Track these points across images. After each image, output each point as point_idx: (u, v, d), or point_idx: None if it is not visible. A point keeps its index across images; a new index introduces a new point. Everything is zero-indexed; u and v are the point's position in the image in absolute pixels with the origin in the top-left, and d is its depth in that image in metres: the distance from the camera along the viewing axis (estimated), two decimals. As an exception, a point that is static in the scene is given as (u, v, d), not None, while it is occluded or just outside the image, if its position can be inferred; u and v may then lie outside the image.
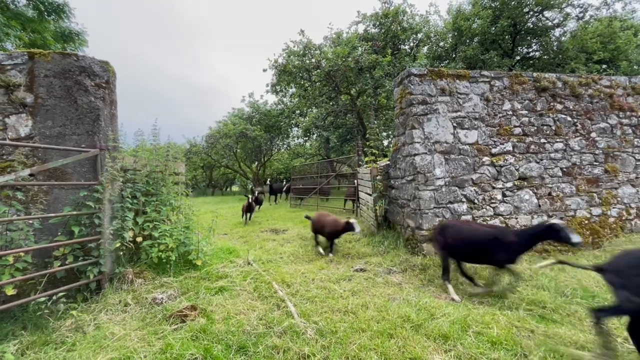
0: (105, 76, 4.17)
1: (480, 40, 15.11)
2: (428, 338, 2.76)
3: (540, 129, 6.02)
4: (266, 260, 5.25)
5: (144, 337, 2.84)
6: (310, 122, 18.83)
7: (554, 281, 4.05)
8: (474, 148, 5.67)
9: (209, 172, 35.47)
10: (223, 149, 24.10)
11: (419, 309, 3.30)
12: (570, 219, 5.88)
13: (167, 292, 3.67)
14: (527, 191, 5.80)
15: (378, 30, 17.15)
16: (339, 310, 3.36)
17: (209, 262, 4.68)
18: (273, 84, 19.03)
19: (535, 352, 2.49)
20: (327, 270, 4.80)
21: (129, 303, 3.47)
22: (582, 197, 6.04)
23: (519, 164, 5.83)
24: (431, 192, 5.39)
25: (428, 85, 5.60)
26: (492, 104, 5.85)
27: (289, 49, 16.23)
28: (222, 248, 5.57)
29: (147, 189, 4.52)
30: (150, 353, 2.58)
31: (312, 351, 2.59)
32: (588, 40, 13.15)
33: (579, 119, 6.23)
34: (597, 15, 14.47)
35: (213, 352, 2.54)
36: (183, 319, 3.12)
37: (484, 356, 2.47)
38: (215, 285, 3.96)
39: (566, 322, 3.04)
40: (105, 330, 2.96)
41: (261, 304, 3.52)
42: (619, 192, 6.25)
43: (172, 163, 5.04)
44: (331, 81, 15.97)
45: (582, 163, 6.14)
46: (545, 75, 6.22)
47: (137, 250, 4.30)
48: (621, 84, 6.61)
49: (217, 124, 25.98)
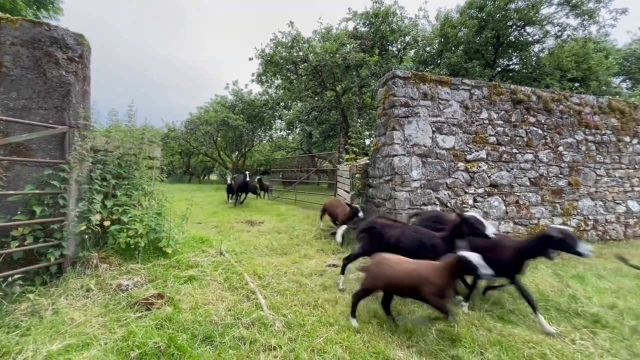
0: (79, 50, 3.95)
1: (465, 49, 15.50)
2: (393, 334, 2.84)
3: (513, 139, 6.28)
4: (239, 251, 5.21)
5: (106, 323, 2.76)
6: (294, 116, 18.71)
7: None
8: (451, 153, 5.85)
9: (186, 159, 34.51)
10: (203, 136, 23.49)
11: (387, 305, 3.38)
12: (534, 226, 6.21)
13: (133, 279, 3.57)
14: (497, 198, 6.06)
15: (367, 29, 17.20)
16: (308, 304, 3.39)
17: (180, 251, 4.58)
18: (259, 73, 18.71)
19: (490, 349, 2.64)
20: (300, 264, 4.82)
21: (92, 288, 3.34)
22: (546, 206, 6.38)
23: (491, 171, 6.07)
24: (407, 193, 5.52)
25: (411, 89, 5.71)
26: (471, 111, 6.05)
27: (276, 40, 15.99)
28: (195, 237, 5.47)
29: (119, 172, 4.36)
30: (111, 340, 2.51)
31: (279, 343, 2.61)
32: (564, 59, 13.79)
33: (549, 132, 6.56)
34: (573, 35, 15.19)
35: (177, 341, 2.50)
36: (149, 306, 3.05)
37: (444, 352, 2.59)
38: (185, 274, 3.89)
39: (521, 323, 3.22)
40: (64, 315, 2.84)
41: (231, 295, 3.49)
42: (579, 204, 6.66)
43: (147, 146, 4.87)
44: (317, 76, 15.90)
45: (548, 175, 6.47)
46: (522, 88, 6.49)
47: (104, 235, 4.14)
48: (589, 103, 7.01)
49: (198, 110, 25.28)
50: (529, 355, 2.59)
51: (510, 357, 2.56)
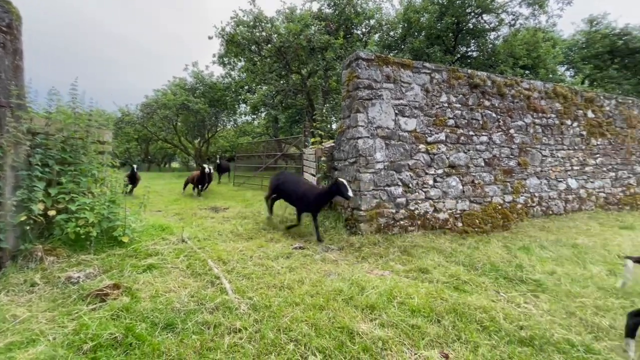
0: (5, 18, 3.48)
1: (427, 35, 15.83)
2: (357, 309, 2.94)
3: (470, 122, 6.60)
4: (203, 238, 5.05)
5: (54, 318, 2.56)
6: (258, 99, 18.18)
7: (469, 258, 4.58)
8: (412, 135, 6.03)
9: (144, 145, 32.56)
10: (161, 121, 22.21)
11: (352, 283, 3.48)
12: (487, 204, 6.65)
13: (85, 271, 3.34)
14: (455, 178, 6.38)
15: (332, 11, 16.92)
16: (274, 286, 3.39)
17: (137, 239, 4.35)
18: (220, 55, 17.85)
19: (447, 316, 2.82)
20: (266, 248, 4.79)
21: (37, 283, 3.08)
22: (499, 185, 6.85)
23: (449, 153, 6.36)
24: (371, 175, 5.63)
25: (374, 71, 5.74)
26: (431, 95, 6.23)
27: (237, 18, 15.26)
28: (155, 225, 5.21)
29: (63, 157, 3.99)
30: (60, 335, 2.34)
31: (244, 325, 2.59)
32: (516, 47, 14.59)
33: (501, 116, 6.96)
34: (525, 25, 16.06)
35: (136, 330, 2.39)
36: (103, 298, 2.88)
37: (404, 322, 2.72)
38: (144, 263, 3.71)
39: (475, 292, 3.47)
40: (5, 312, 2.60)
41: (194, 282, 3.40)
42: (527, 183, 7.22)
43: (95, 130, 4.49)
44: (282, 58, 15.49)
45: (500, 155, 6.92)
46: (478, 73, 6.79)
47: (50, 225, 3.81)
48: (537, 88, 7.51)
49: (155, 93, 23.68)
50: (480, 320, 2.80)
51: (464, 323, 2.75)
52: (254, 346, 2.38)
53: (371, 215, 5.57)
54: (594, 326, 2.86)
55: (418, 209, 5.98)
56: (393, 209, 5.77)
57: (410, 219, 5.89)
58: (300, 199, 5.66)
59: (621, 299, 3.41)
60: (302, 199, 5.62)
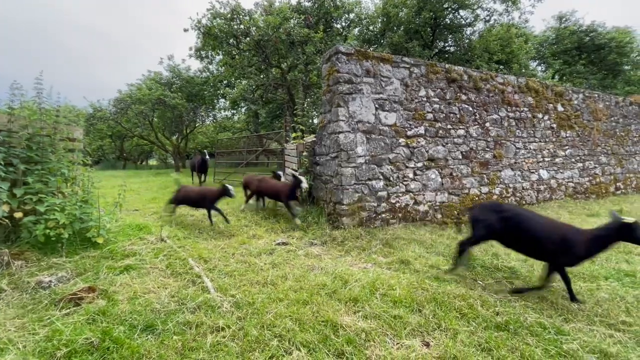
0: (-42, 6, 3.22)
1: (406, 29, 16.01)
2: (340, 302, 2.97)
3: (448, 116, 6.74)
4: (183, 236, 4.94)
5: (24, 325, 2.44)
6: (238, 94, 17.85)
7: (448, 248, 4.71)
8: (393, 129, 6.09)
9: (119, 142, 31.31)
10: (136, 117, 21.30)
11: (335, 277, 3.51)
12: (465, 196, 6.85)
13: (57, 274, 3.19)
14: (434, 171, 6.52)
15: (312, 5, 16.78)
16: (258, 283, 3.37)
17: (113, 240, 4.20)
18: (197, 48, 17.32)
19: (427, 306, 2.90)
20: (249, 244, 4.75)
21: (4, 289, 2.92)
22: (475, 177, 7.06)
23: (429, 146, 6.48)
24: (352, 169, 5.67)
25: (354, 65, 5.74)
26: (410, 89, 6.31)
27: (214, 10, 14.84)
28: (131, 224, 5.04)
29: (29, 155, 3.78)
30: (31, 342, 2.24)
31: (227, 323, 2.56)
32: (491, 42, 15.02)
33: (478, 109, 7.15)
34: (500, 21, 16.55)
35: (113, 334, 2.32)
36: (77, 302, 2.76)
37: (387, 313, 2.77)
38: (121, 264, 3.59)
39: (453, 281, 3.58)
40: (-31, 322, 2.45)
41: (174, 282, 3.32)
42: (502, 175, 7.48)
43: (64, 126, 4.27)
44: (261, 52, 15.23)
45: (477, 148, 7.12)
46: (455, 67, 6.92)
47: (16, 228, 3.61)
48: (511, 83, 7.76)
49: (128, 88, 22.70)
50: (459, 307, 2.90)
51: (443, 311, 2.84)
52: (237, 344, 2.36)
53: (353, 209, 5.62)
54: (563, 309, 3.02)
55: (399, 202, 6.08)
56: (375, 203, 5.83)
57: (391, 212, 5.98)
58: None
59: (587, 282, 3.61)
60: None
